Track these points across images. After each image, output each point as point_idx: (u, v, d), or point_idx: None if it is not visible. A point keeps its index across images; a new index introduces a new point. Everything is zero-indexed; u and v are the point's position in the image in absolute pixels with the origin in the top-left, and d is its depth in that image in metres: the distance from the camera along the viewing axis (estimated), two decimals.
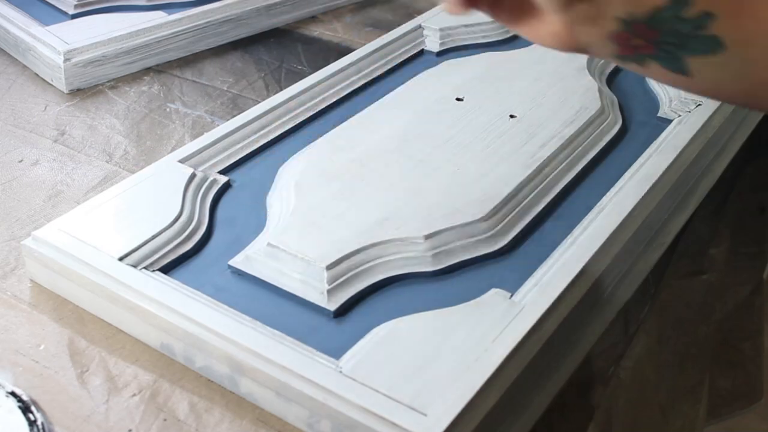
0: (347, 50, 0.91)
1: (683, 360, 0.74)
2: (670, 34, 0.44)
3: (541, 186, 0.66)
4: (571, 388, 0.57)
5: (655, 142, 0.71)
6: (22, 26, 0.91)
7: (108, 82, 0.88)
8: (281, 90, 0.81)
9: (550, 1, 0.45)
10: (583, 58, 0.83)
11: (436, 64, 0.85)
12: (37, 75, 0.89)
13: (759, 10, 0.43)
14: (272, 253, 0.58)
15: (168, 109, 0.84)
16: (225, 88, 0.88)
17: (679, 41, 0.44)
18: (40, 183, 0.72)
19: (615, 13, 0.44)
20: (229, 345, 0.52)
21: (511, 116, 0.73)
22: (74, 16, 0.94)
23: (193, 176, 0.66)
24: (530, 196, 0.65)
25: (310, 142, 0.71)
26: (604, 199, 0.65)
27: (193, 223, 0.62)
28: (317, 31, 1.01)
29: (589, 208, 0.64)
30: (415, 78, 0.81)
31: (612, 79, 0.84)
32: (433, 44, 0.90)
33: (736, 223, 0.81)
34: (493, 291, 0.56)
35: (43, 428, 0.49)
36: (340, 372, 0.49)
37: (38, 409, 0.51)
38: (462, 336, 0.52)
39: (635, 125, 0.77)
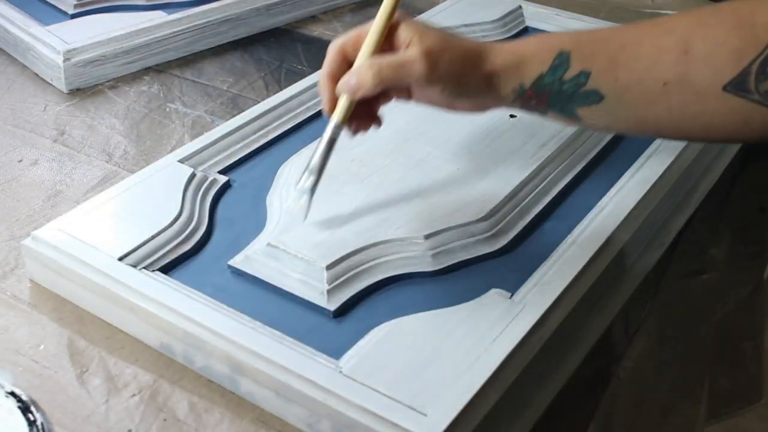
0: None
1: (683, 360, 0.74)
2: (556, 93, 0.54)
3: (541, 186, 0.66)
4: (571, 388, 0.57)
5: (655, 142, 0.71)
6: (22, 26, 0.91)
7: (108, 81, 0.88)
8: (281, 90, 0.81)
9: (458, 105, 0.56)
10: None
11: None
12: (37, 75, 0.89)
13: (632, 62, 0.52)
14: (272, 253, 0.58)
15: (168, 109, 0.84)
16: (225, 88, 0.88)
17: (565, 97, 0.54)
18: (40, 183, 0.72)
19: (510, 84, 0.54)
20: (229, 345, 0.52)
21: (511, 116, 0.73)
22: (74, 16, 0.94)
23: (192, 176, 0.66)
24: (530, 196, 0.65)
25: (309, 142, 0.71)
26: (604, 199, 0.65)
27: (193, 223, 0.62)
28: (317, 30, 1.01)
29: (589, 208, 0.64)
30: None
31: None
32: None
33: (736, 223, 0.80)
34: (493, 291, 0.55)
35: (43, 428, 0.49)
36: (340, 372, 0.49)
37: (38, 409, 0.51)
38: (462, 336, 0.52)
39: None
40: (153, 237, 0.59)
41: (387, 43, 0.55)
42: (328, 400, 0.48)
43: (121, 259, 0.57)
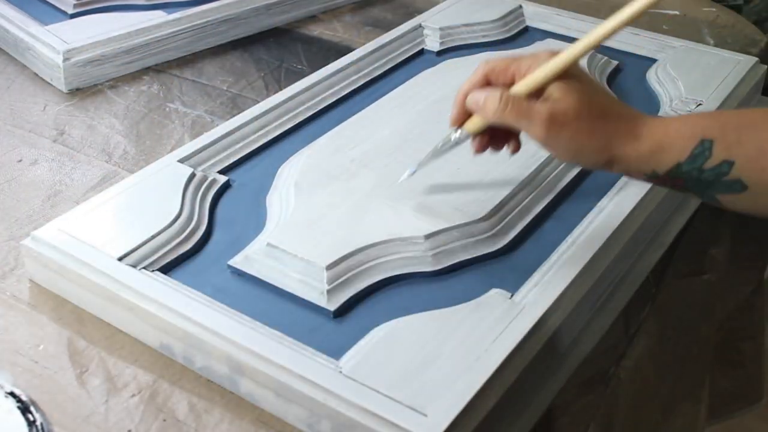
0: (347, 50, 0.90)
1: (684, 360, 0.74)
2: (693, 181, 0.51)
3: (541, 186, 0.66)
4: (572, 389, 0.57)
5: None
6: (22, 25, 0.91)
7: (107, 81, 0.88)
8: (281, 90, 0.81)
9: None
10: (583, 58, 0.83)
11: (436, 63, 0.84)
12: (37, 74, 0.89)
13: None
14: (272, 253, 0.58)
15: (167, 109, 0.84)
16: (224, 88, 0.88)
17: (703, 184, 0.51)
18: (39, 183, 0.72)
19: (641, 169, 0.52)
20: (229, 345, 0.52)
21: None
22: (73, 16, 0.94)
23: (192, 176, 0.66)
24: (530, 196, 0.65)
25: (309, 142, 0.71)
26: (604, 199, 0.64)
27: (193, 223, 0.62)
28: (317, 30, 1.01)
29: (588, 209, 0.63)
30: (415, 77, 0.81)
31: (613, 79, 0.84)
32: (433, 44, 0.90)
33: (737, 222, 0.80)
34: (494, 291, 0.55)
35: (42, 428, 0.49)
36: (340, 372, 0.49)
37: (37, 409, 0.51)
38: (462, 336, 0.52)
39: None
40: (153, 237, 0.59)
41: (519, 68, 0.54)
42: (328, 400, 0.48)
43: (120, 259, 0.57)
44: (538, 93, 0.54)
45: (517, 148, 0.58)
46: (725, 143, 0.50)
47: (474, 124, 0.57)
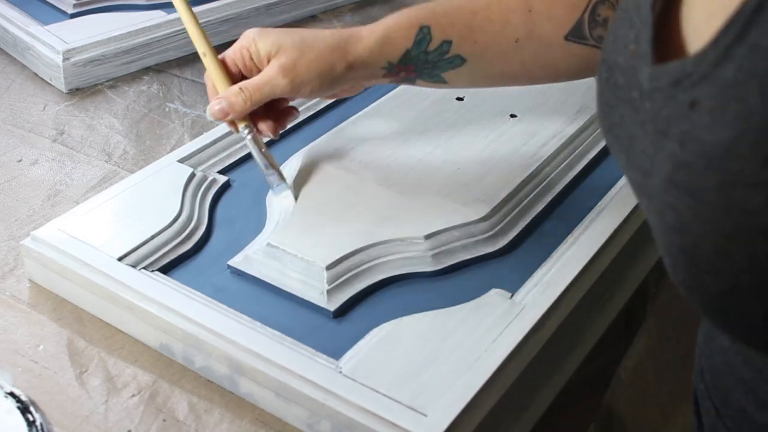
0: None
1: (684, 360, 0.73)
2: (423, 63, 0.60)
3: (542, 186, 0.66)
4: (572, 388, 0.57)
5: None
6: (21, 25, 0.91)
7: (107, 81, 0.88)
8: None
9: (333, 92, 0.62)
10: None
11: None
12: (36, 74, 0.89)
13: (486, 25, 0.59)
14: (272, 253, 0.58)
15: (167, 109, 0.84)
16: None
17: (431, 65, 0.60)
18: (39, 183, 0.72)
19: (378, 63, 0.59)
20: (229, 345, 0.52)
21: (512, 116, 0.73)
22: (73, 16, 0.94)
23: (192, 176, 0.66)
24: (530, 196, 0.65)
25: (309, 142, 0.71)
26: (604, 199, 0.64)
27: (193, 223, 0.62)
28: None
29: (589, 208, 0.63)
30: None
31: None
32: None
33: None
34: (494, 291, 0.55)
35: (42, 428, 0.49)
36: (340, 372, 0.49)
37: (37, 409, 0.51)
38: (462, 336, 0.52)
39: None
40: (152, 237, 0.59)
41: (249, 61, 0.60)
42: (328, 400, 0.48)
43: (120, 259, 0.57)
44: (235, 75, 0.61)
45: (293, 114, 0.64)
46: (440, 26, 0.59)
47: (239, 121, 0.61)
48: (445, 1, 0.61)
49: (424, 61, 0.60)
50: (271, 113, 0.62)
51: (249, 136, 0.61)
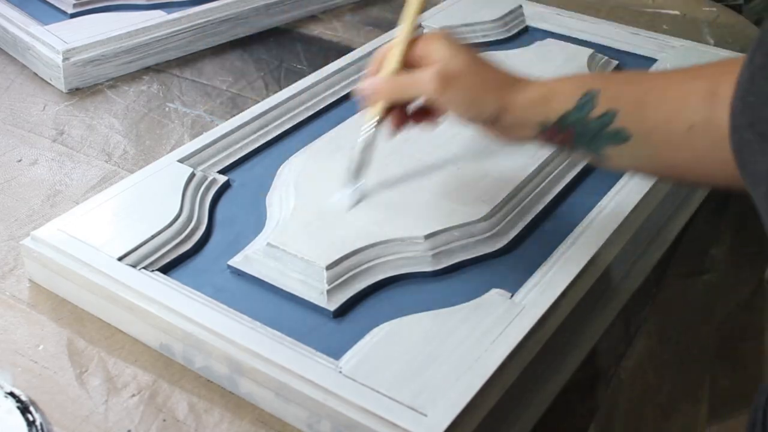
0: (347, 49, 0.90)
1: (684, 360, 0.73)
2: (582, 131, 0.53)
3: (542, 186, 0.66)
4: (572, 389, 0.57)
5: None
6: (21, 25, 0.91)
7: (107, 81, 0.88)
8: (281, 89, 0.80)
9: (482, 129, 0.57)
10: (583, 58, 0.83)
11: None
12: (36, 74, 0.89)
13: (659, 103, 0.51)
14: (272, 253, 0.58)
15: (167, 109, 0.84)
16: (224, 88, 0.88)
17: (591, 136, 0.53)
18: (39, 183, 0.72)
19: (531, 119, 0.54)
20: (229, 345, 0.52)
21: None
22: (73, 15, 0.94)
23: (192, 176, 0.65)
24: (530, 196, 0.65)
25: (309, 142, 0.71)
26: (605, 199, 0.64)
27: (193, 223, 0.62)
28: (317, 30, 1.01)
29: (589, 208, 0.63)
30: None
31: None
32: None
33: (737, 223, 0.80)
34: (494, 291, 0.55)
35: (42, 428, 0.49)
36: (340, 372, 0.49)
37: (37, 409, 0.51)
38: (462, 336, 0.52)
39: None
40: (152, 237, 0.59)
41: (423, 58, 0.56)
42: (328, 400, 0.48)
43: (120, 259, 0.57)
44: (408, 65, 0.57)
45: (432, 118, 0.60)
46: (608, 94, 0.53)
47: (372, 111, 0.58)
48: (622, 72, 0.57)
49: (582, 127, 0.53)
50: (416, 116, 0.60)
51: (371, 129, 0.58)
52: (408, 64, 0.57)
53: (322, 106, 0.78)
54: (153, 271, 0.57)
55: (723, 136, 0.47)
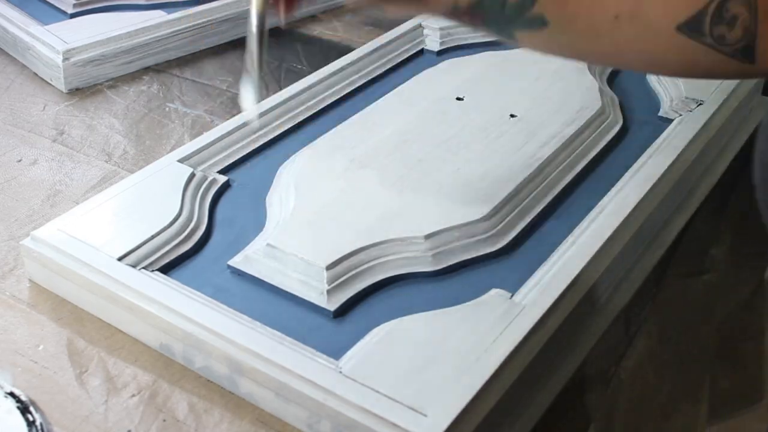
0: (347, 49, 0.90)
1: (684, 360, 0.73)
2: (494, 15, 0.50)
3: (542, 186, 0.66)
4: (572, 389, 0.57)
5: (655, 141, 0.71)
6: (21, 25, 0.91)
7: (107, 81, 0.88)
8: (281, 89, 0.80)
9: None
10: None
11: (437, 63, 0.84)
12: (36, 74, 0.89)
13: None
14: (272, 253, 0.58)
15: (167, 109, 0.84)
16: (224, 88, 0.88)
17: (505, 19, 0.50)
18: (39, 183, 0.72)
19: (443, 3, 0.51)
20: (229, 345, 0.52)
21: (512, 116, 0.73)
22: (73, 15, 0.94)
23: (192, 176, 0.65)
24: (530, 196, 0.65)
25: (309, 142, 0.71)
26: (605, 199, 0.64)
27: (193, 223, 0.62)
28: (317, 30, 1.01)
29: (589, 208, 0.63)
30: (415, 77, 0.81)
31: (613, 79, 0.84)
32: (433, 43, 0.90)
33: (737, 223, 0.80)
34: (494, 291, 0.55)
35: (42, 429, 0.49)
36: (340, 372, 0.49)
37: (37, 409, 0.51)
38: (462, 336, 0.51)
39: (636, 125, 0.76)
40: (152, 237, 0.59)
41: None
42: (328, 400, 0.48)
43: (120, 259, 0.57)
44: None
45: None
46: None
47: None
48: None
49: (497, 12, 0.50)
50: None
51: (255, 19, 0.54)
52: None
53: (322, 106, 0.78)
54: (153, 271, 0.57)
55: (648, 29, 0.48)
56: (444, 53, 0.89)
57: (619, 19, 0.48)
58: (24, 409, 0.50)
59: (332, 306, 0.55)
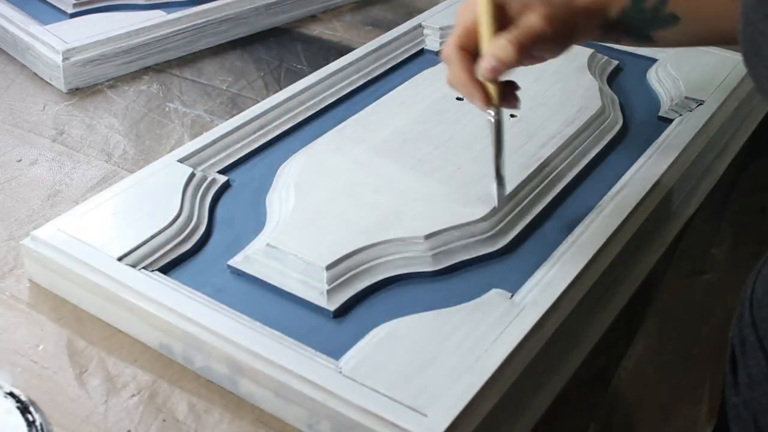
0: (347, 49, 0.90)
1: (684, 360, 0.73)
2: (635, 23, 0.59)
3: (542, 186, 0.66)
4: (572, 389, 0.57)
5: (655, 141, 0.71)
6: (21, 25, 0.91)
7: (107, 81, 0.88)
8: (281, 89, 0.80)
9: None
10: (583, 58, 0.83)
11: (437, 63, 0.84)
12: (36, 74, 0.89)
13: None
14: (272, 253, 0.58)
15: (167, 109, 0.84)
16: (224, 88, 0.88)
17: (643, 24, 0.59)
18: (39, 183, 0.72)
19: (595, 21, 0.59)
20: (229, 345, 0.51)
21: (512, 116, 0.73)
22: (73, 15, 0.94)
23: (192, 176, 0.65)
24: (530, 196, 0.65)
25: (309, 142, 0.71)
26: (605, 199, 0.64)
27: (192, 223, 0.62)
28: (317, 30, 1.01)
29: (589, 208, 0.63)
30: (415, 77, 0.81)
31: (613, 79, 0.84)
32: (433, 43, 0.90)
33: (738, 223, 0.80)
34: (494, 291, 0.55)
35: (42, 429, 0.49)
36: (340, 372, 0.49)
37: (37, 409, 0.51)
38: (462, 336, 0.51)
39: (636, 125, 0.76)
40: (152, 237, 0.59)
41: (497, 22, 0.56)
42: (328, 400, 0.48)
43: (120, 259, 0.57)
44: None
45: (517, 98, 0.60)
46: None
47: (493, 90, 0.56)
48: None
49: (637, 19, 0.59)
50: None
51: (494, 117, 0.56)
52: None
53: (322, 106, 0.78)
54: (153, 271, 0.57)
55: None
56: None
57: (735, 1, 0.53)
58: (24, 409, 0.50)
59: (332, 306, 0.55)
